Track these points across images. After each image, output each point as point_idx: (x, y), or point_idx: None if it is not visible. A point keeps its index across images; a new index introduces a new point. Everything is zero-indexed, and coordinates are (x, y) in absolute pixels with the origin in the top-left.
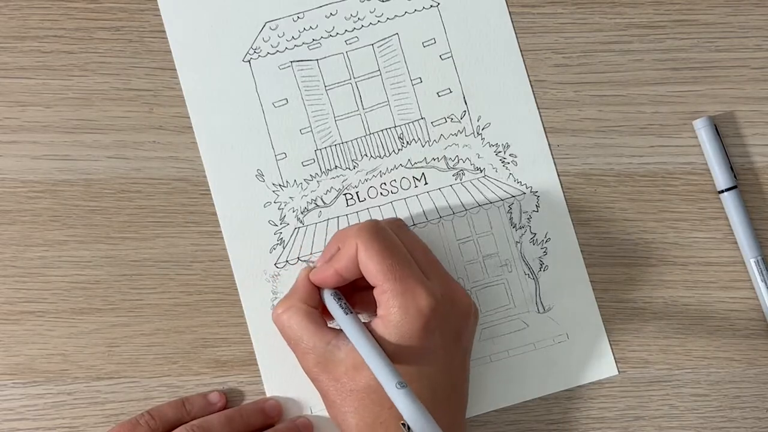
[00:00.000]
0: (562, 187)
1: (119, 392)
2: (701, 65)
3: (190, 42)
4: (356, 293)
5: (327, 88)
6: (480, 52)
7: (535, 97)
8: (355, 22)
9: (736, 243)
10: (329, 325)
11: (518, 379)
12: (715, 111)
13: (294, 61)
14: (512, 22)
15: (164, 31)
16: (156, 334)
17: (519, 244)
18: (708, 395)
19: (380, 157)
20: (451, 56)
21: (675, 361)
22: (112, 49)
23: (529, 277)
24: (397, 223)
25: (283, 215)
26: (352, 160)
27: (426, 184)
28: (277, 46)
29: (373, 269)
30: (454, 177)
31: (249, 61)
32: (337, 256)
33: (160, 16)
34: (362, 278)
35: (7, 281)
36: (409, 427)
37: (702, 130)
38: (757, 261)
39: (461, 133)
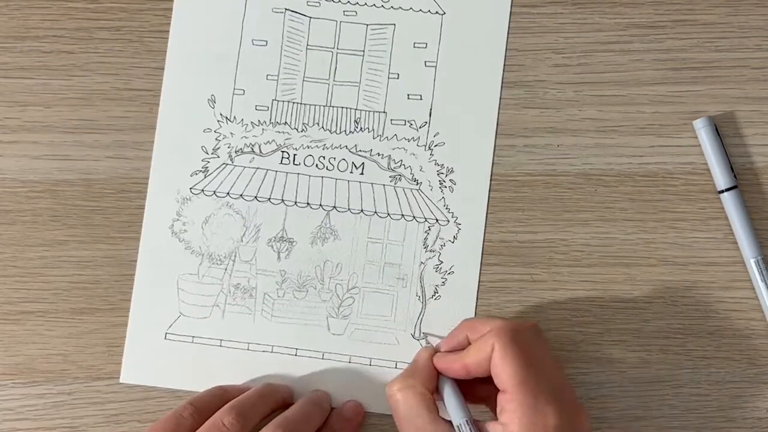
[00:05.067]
0: (485, 230)
1: (119, 392)
2: (701, 65)
3: None
4: (475, 384)
5: (309, 47)
6: (464, 74)
7: (495, 138)
8: None
9: (736, 243)
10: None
11: (366, 388)
12: (715, 111)
13: (289, 9)
14: (505, 58)
15: (164, 32)
16: None
17: (423, 266)
18: (708, 395)
19: (330, 131)
20: (436, 66)
21: (675, 361)
22: (112, 49)
23: (419, 299)
24: (535, 330)
25: (217, 146)
26: (303, 123)
27: (362, 174)
28: None
29: (507, 377)
30: (391, 179)
31: None
32: (469, 350)
33: (160, 15)
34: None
35: (7, 281)
36: None
37: (702, 130)
38: (757, 261)
39: (414, 140)
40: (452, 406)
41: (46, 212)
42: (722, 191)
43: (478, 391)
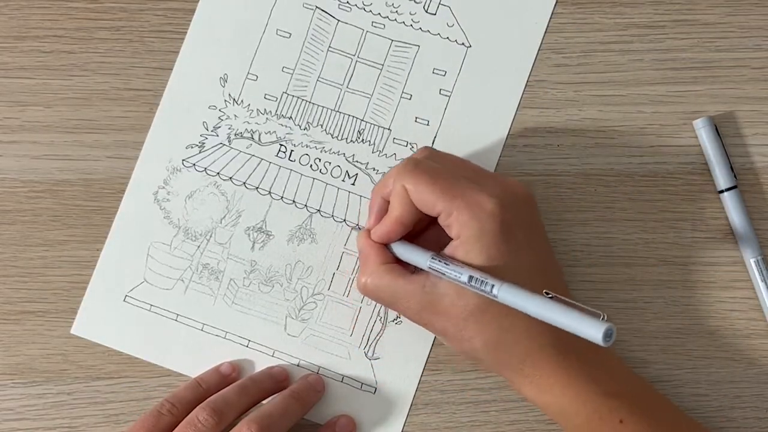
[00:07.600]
0: None
1: (119, 392)
2: (701, 65)
3: None
4: (421, 234)
5: (330, 49)
6: (475, 110)
7: None
8: (391, 11)
9: (736, 243)
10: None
11: None
12: (715, 111)
13: (319, 8)
14: (519, 105)
15: (165, 32)
16: None
17: None
18: (708, 395)
19: (332, 136)
20: (450, 96)
21: (675, 361)
22: (112, 49)
23: (380, 320)
24: (426, 152)
25: (218, 125)
26: (308, 122)
27: (354, 185)
28: None
29: (429, 199)
30: None
31: None
32: (391, 205)
33: (160, 15)
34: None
35: (7, 281)
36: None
37: (702, 130)
38: (757, 261)
39: None
40: (413, 256)
41: (46, 212)
42: (722, 191)
43: (428, 240)
